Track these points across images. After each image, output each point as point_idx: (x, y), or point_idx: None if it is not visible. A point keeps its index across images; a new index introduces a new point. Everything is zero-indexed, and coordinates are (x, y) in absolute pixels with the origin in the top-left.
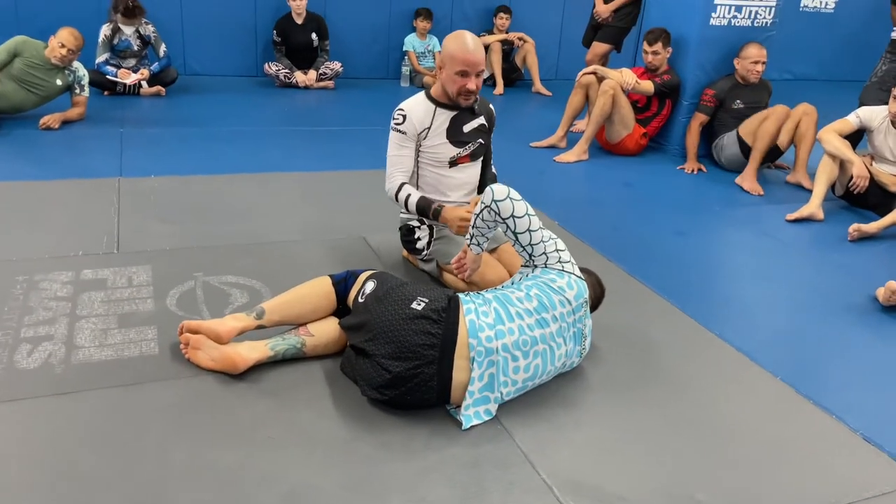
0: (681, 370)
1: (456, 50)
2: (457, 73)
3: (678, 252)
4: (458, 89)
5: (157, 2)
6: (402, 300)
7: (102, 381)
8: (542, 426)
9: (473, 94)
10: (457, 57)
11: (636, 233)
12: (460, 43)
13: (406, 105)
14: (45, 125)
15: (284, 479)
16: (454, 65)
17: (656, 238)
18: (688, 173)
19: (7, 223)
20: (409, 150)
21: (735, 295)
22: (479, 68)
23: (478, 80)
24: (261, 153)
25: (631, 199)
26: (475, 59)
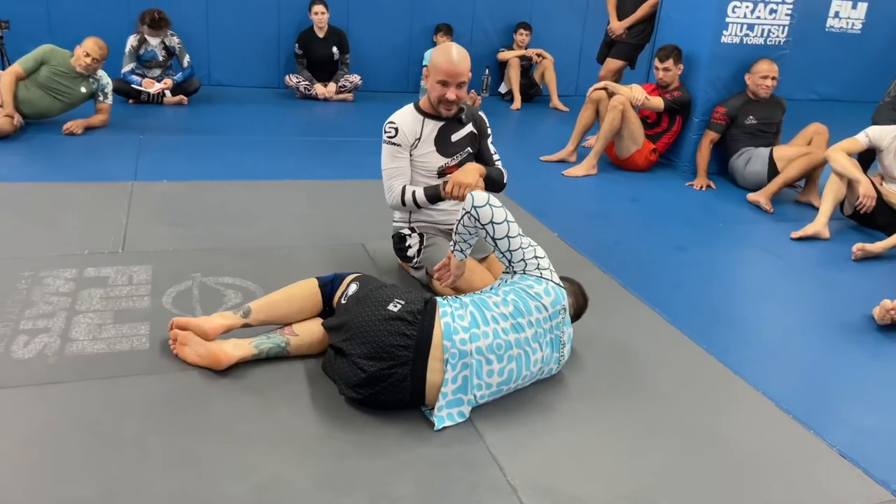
0: (662, 381)
1: (439, 60)
2: (438, 82)
3: (675, 266)
4: (437, 98)
5: (184, 15)
6: (379, 301)
7: (92, 372)
8: (515, 430)
9: (453, 103)
10: (439, 67)
11: (636, 246)
12: (444, 54)
13: (396, 118)
14: (68, 130)
15: (256, 472)
16: (436, 74)
17: (655, 252)
18: (696, 189)
19: (20, 222)
20: (404, 161)
21: (728, 310)
22: (459, 79)
23: (459, 91)
24: (274, 161)
25: (635, 213)
26: (456, 69)
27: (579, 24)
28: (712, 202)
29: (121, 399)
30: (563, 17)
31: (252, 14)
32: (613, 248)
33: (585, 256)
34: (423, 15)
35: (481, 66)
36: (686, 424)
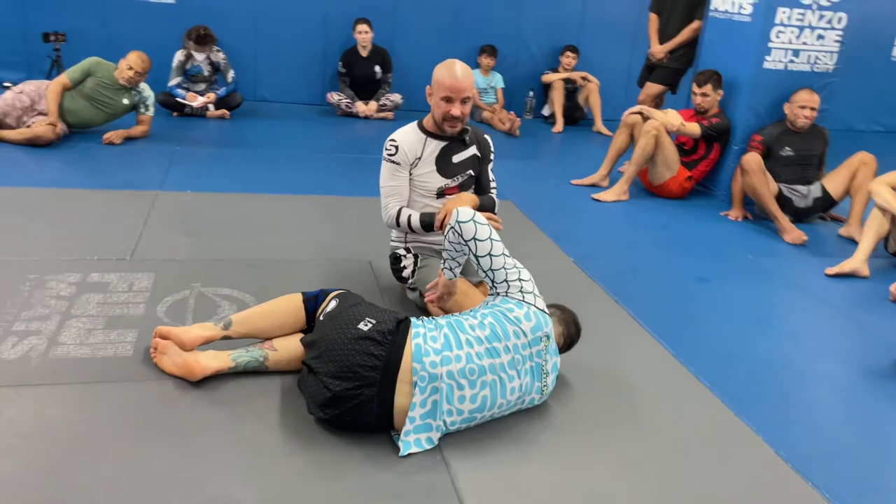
0: (655, 419)
1: (442, 76)
2: (442, 99)
3: (692, 298)
4: (442, 114)
5: (234, 32)
6: (350, 320)
7: (70, 377)
8: (484, 461)
9: (458, 120)
10: (443, 83)
11: (654, 276)
12: (447, 69)
13: (397, 135)
14: (108, 140)
15: (207, 487)
16: (440, 90)
17: (674, 282)
18: (731, 220)
19: (40, 226)
20: (403, 180)
21: (741, 348)
22: (463, 94)
23: (463, 107)
24: (301, 176)
25: (661, 241)
26: (460, 85)
27: (627, 49)
28: (746, 234)
29: (90, 405)
30: (611, 40)
31: (299, 32)
32: (629, 276)
33: (598, 283)
34: (467, 36)
35: (525, 88)
36: (671, 467)
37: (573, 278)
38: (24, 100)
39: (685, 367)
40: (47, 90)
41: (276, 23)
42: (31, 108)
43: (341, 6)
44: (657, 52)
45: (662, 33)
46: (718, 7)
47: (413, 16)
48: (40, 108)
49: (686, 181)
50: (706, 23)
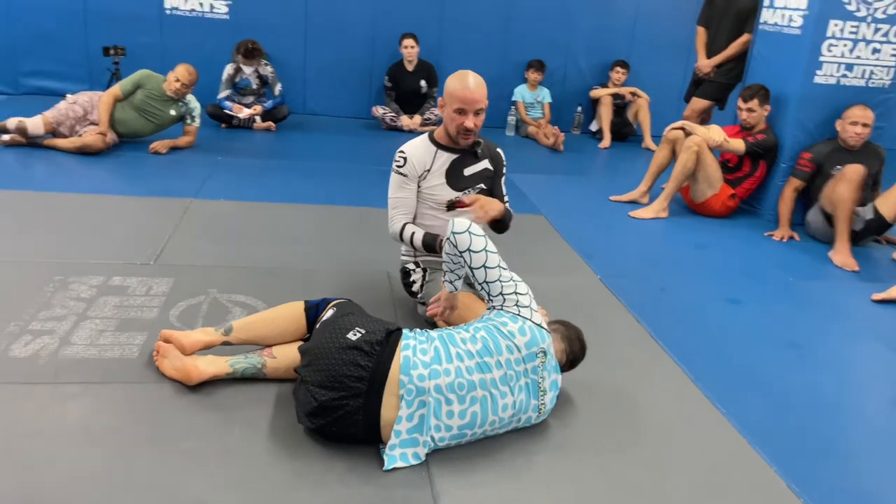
0: (660, 444)
1: (455, 88)
2: (455, 111)
3: (720, 320)
4: (456, 127)
5: (284, 46)
6: (340, 329)
7: (71, 376)
8: (471, 480)
9: (472, 132)
10: (455, 94)
11: (682, 295)
12: (460, 81)
13: (407, 147)
14: (154, 150)
15: (183, 492)
16: (453, 102)
17: (703, 303)
18: (776, 240)
19: (73, 230)
20: (410, 193)
21: (765, 374)
22: (476, 106)
23: (476, 119)
24: (337, 188)
25: (696, 260)
26: (473, 96)
27: (681, 65)
28: (790, 255)
29: (83, 405)
30: (664, 55)
31: (347, 46)
32: (656, 295)
33: (621, 301)
34: (515, 50)
35: (574, 103)
36: (673, 495)
37: (596, 295)
38: (77, 110)
39: (702, 391)
40: (100, 101)
41: (324, 38)
42: (84, 117)
43: (389, 21)
44: (704, 66)
45: (710, 47)
46: (768, 20)
47: (460, 30)
48: (93, 118)
49: (729, 199)
50: (756, 36)
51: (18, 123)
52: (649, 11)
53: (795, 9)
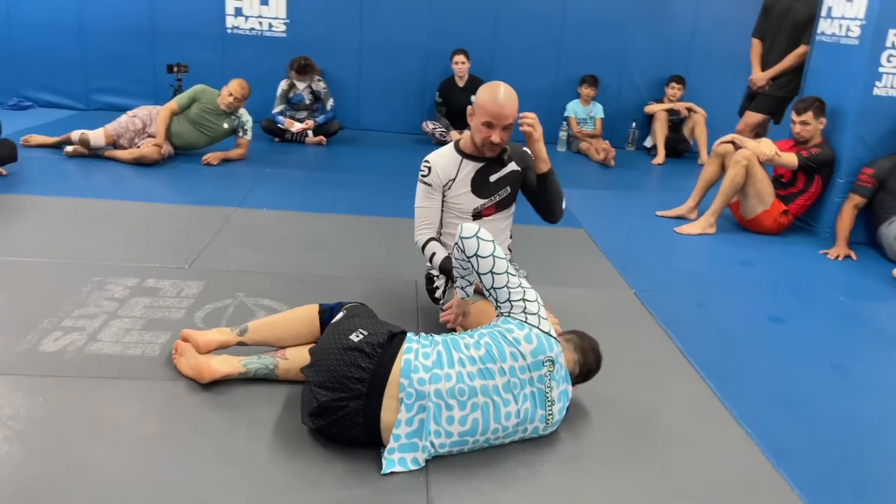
0: (676, 461)
1: (485, 100)
2: (483, 124)
3: (758, 339)
4: (482, 140)
5: (339, 63)
6: (343, 330)
7: (91, 371)
8: (469, 487)
9: (498, 146)
10: (485, 107)
11: (720, 312)
12: (491, 94)
13: (432, 157)
14: (206, 161)
15: (180, 488)
16: (481, 115)
17: (742, 321)
18: (831, 258)
19: (118, 234)
20: (434, 202)
21: (800, 395)
22: (505, 121)
23: (504, 134)
24: (377, 199)
25: (740, 277)
26: (502, 112)
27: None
28: (846, 274)
29: (94, 399)
30: (723, 71)
31: (400, 63)
32: (692, 311)
33: (654, 316)
34: (568, 65)
35: (628, 119)
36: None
37: (627, 309)
38: (136, 123)
39: (728, 409)
40: (157, 114)
41: (378, 55)
42: (142, 130)
43: (442, 37)
44: (758, 79)
45: (766, 59)
46: (825, 30)
47: (513, 46)
48: (151, 131)
49: (781, 216)
50: (812, 47)
51: (81, 135)
52: (708, 25)
53: (853, 18)
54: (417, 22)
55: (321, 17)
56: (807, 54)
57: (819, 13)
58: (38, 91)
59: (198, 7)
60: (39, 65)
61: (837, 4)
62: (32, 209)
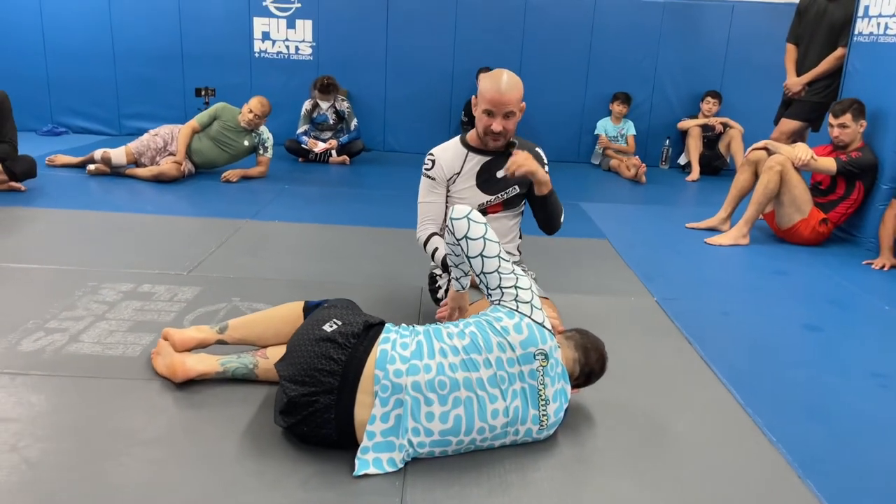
0: (690, 473)
1: (486, 88)
2: (483, 112)
3: (790, 347)
4: (483, 128)
5: (365, 84)
6: (317, 321)
7: (64, 370)
8: (449, 493)
9: (499, 135)
10: (485, 95)
11: (749, 321)
12: (492, 81)
13: (437, 150)
14: (225, 178)
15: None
16: (482, 103)
17: (772, 328)
18: (876, 269)
19: (121, 243)
20: (438, 197)
21: (835, 405)
22: (505, 109)
23: (506, 122)
24: (395, 211)
25: (773, 287)
26: (503, 98)
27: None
28: (889, 284)
29: (60, 397)
30: (759, 84)
31: (426, 83)
32: (718, 319)
33: (675, 323)
34: (598, 82)
35: (662, 136)
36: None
37: (647, 316)
38: (158, 141)
39: (752, 418)
40: (179, 132)
41: (404, 75)
42: (163, 149)
43: (468, 55)
44: (793, 84)
45: (801, 64)
46: (863, 30)
47: (541, 63)
48: (172, 149)
49: (820, 225)
50: (850, 50)
51: (103, 154)
52: (742, 38)
53: (892, 15)
54: (443, 41)
55: (347, 39)
56: (844, 57)
57: (856, 13)
58: (72, 117)
59: (226, 32)
60: (73, 91)
61: (874, 2)
62: (42, 220)
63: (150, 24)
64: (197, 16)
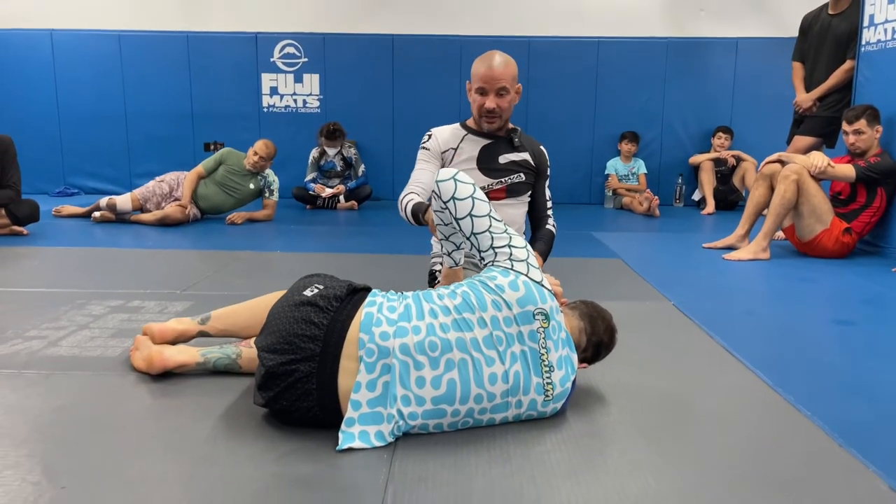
0: (713, 441)
1: (477, 67)
2: (476, 91)
3: (820, 338)
4: (478, 108)
5: (372, 135)
6: (298, 287)
7: (39, 367)
8: (443, 461)
9: (494, 114)
10: (476, 73)
11: (774, 317)
12: (484, 59)
13: (436, 128)
14: (231, 221)
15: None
16: (475, 82)
17: (801, 323)
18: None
19: (117, 271)
20: (430, 166)
21: (876, 385)
22: (498, 84)
23: (499, 100)
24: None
25: (800, 292)
26: (493, 73)
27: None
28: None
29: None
30: (769, 117)
31: None
32: (742, 317)
33: (695, 321)
34: (605, 123)
35: (674, 174)
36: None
37: (665, 316)
38: (164, 188)
39: (782, 396)
40: (185, 178)
41: (411, 125)
42: (169, 194)
43: None
44: (803, 101)
45: (809, 81)
46: (870, 39)
47: (547, 107)
48: (177, 195)
49: (844, 235)
50: (858, 60)
51: (108, 201)
52: (749, 73)
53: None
54: (449, 91)
55: (354, 92)
56: (853, 69)
57: (861, 24)
58: (84, 178)
59: (236, 89)
60: (85, 153)
61: (880, 10)
62: (40, 256)
63: (162, 85)
64: (207, 75)
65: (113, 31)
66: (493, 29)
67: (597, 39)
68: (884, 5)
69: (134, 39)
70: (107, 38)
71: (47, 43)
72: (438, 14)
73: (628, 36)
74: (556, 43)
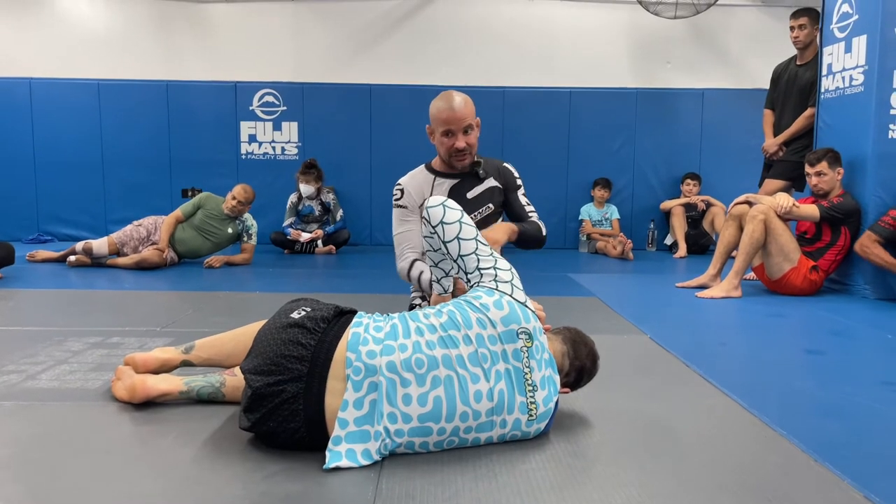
0: (694, 458)
1: (438, 109)
2: (443, 134)
3: (793, 365)
4: (447, 150)
5: (351, 182)
6: (285, 311)
7: (16, 399)
8: (430, 479)
9: (464, 152)
10: (440, 117)
11: (747, 348)
12: (442, 102)
13: (403, 179)
14: (209, 265)
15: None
16: (438, 126)
17: (773, 353)
18: None
19: (99, 311)
20: (413, 224)
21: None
22: (463, 124)
23: (467, 138)
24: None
25: (771, 325)
26: (457, 115)
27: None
28: (893, 319)
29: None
30: (735, 163)
31: None
32: (715, 348)
33: (672, 353)
34: (578, 170)
35: (645, 220)
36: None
37: (641, 348)
38: (141, 231)
39: (758, 417)
40: (163, 222)
41: (388, 172)
42: (146, 238)
43: None
44: (769, 146)
45: (777, 126)
46: (828, 87)
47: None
48: (155, 239)
49: (811, 272)
50: (819, 108)
51: (85, 245)
52: (715, 122)
53: (854, 67)
54: (425, 138)
55: (332, 139)
56: (814, 116)
57: (820, 73)
58: (58, 225)
59: (214, 136)
60: (61, 200)
61: (836, 59)
62: (14, 298)
63: (140, 132)
64: (186, 122)
65: (92, 79)
66: (468, 79)
67: (569, 89)
68: (840, 55)
69: (113, 88)
70: (86, 87)
71: (25, 91)
72: (415, 64)
73: (599, 86)
74: (530, 92)
